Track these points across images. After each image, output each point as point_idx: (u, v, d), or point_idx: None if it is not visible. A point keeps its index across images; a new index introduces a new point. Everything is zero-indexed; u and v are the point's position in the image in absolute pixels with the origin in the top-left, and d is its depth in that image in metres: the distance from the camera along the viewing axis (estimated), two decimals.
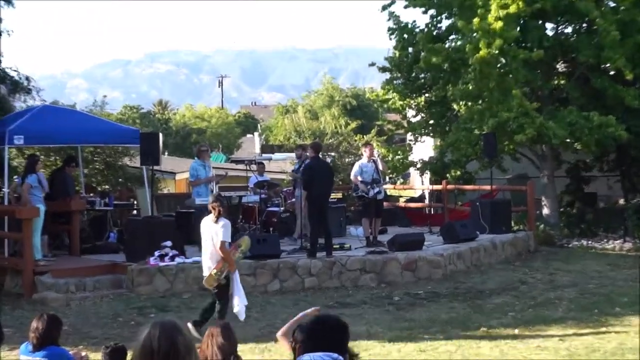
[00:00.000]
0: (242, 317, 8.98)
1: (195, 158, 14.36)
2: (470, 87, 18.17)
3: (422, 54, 20.08)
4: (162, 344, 2.83)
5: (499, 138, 17.95)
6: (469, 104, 18.74)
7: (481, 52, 17.60)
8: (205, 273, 9.05)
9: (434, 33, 20.32)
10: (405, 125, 21.89)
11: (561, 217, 20.36)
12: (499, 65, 18.27)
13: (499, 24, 17.57)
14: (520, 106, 17.70)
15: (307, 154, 14.08)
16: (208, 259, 9.01)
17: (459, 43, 19.16)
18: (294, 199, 16.35)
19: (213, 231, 8.85)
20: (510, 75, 18.41)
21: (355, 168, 14.62)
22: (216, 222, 8.81)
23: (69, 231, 14.26)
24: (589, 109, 18.80)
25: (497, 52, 17.68)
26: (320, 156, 13.85)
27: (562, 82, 20.54)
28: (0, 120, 14.72)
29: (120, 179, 20.11)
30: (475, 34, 18.08)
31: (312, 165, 13.05)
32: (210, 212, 8.94)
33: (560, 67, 21.09)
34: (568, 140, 18.58)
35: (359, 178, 14.33)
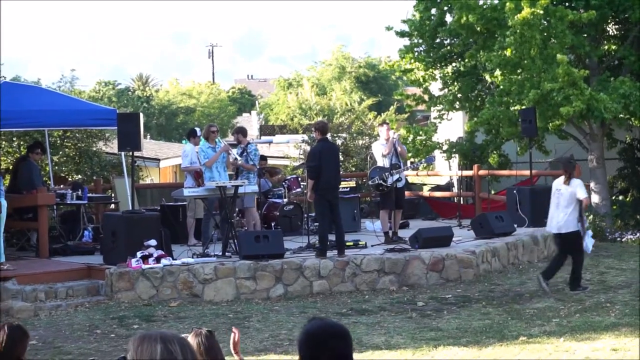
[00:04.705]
0: (589, 250, 12.35)
1: (202, 140, 14.45)
2: (508, 54, 18.11)
3: (448, 14, 20.02)
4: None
5: (541, 114, 17.94)
6: (506, 73, 18.69)
7: (523, 12, 17.52)
8: (553, 230, 12.30)
9: None
10: (427, 99, 21.82)
11: (613, 207, 20.35)
12: (541, 28, 18.20)
13: None
14: (567, 74, 17.66)
15: (314, 135, 14.09)
16: (560, 218, 12.02)
17: (495, 1, 19.09)
18: (299, 189, 16.38)
19: (567, 192, 11.92)
20: (553, 40, 18.36)
21: (379, 147, 14.68)
22: (568, 183, 11.96)
23: (36, 229, 14.35)
24: None
25: (541, 12, 17.60)
26: (329, 138, 13.86)
27: (614, 47, 20.49)
28: None
29: (95, 168, 20.18)
30: None
31: (320, 149, 13.07)
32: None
33: (611, 29, 21.02)
34: (621, 115, 18.57)
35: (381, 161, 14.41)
